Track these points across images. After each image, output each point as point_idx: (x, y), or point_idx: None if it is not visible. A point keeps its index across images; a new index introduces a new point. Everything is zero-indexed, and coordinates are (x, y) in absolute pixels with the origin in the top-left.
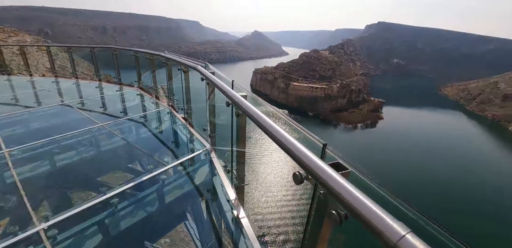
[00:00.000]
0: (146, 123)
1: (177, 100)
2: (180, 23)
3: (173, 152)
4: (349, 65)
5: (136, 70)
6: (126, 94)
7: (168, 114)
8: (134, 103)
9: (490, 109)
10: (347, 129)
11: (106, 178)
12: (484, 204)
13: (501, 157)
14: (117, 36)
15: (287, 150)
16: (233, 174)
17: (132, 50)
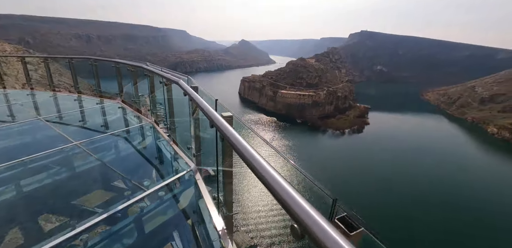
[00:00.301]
0: (127, 139)
1: (161, 114)
2: (167, 32)
3: (156, 172)
4: (334, 73)
5: (117, 82)
6: (107, 108)
7: (151, 129)
8: (115, 117)
9: (469, 112)
10: (335, 135)
11: (77, 208)
12: (468, 199)
13: (482, 157)
14: (102, 45)
15: (277, 196)
16: (219, 201)
17: (112, 61)
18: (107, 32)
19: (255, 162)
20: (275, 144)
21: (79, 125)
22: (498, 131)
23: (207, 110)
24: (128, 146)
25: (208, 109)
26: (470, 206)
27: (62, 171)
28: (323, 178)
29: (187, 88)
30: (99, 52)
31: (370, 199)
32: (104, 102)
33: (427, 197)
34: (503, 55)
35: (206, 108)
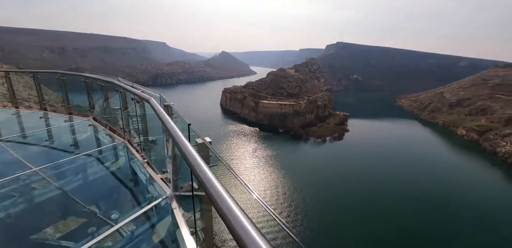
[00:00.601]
0: (97, 162)
1: (134, 132)
2: (146, 44)
3: (128, 200)
4: (314, 82)
5: (88, 98)
6: (76, 126)
7: (124, 149)
8: (85, 137)
9: (440, 116)
10: (317, 143)
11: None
12: (440, 200)
13: (454, 157)
14: (78, 57)
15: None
16: (197, 234)
17: (81, 75)
18: (83, 44)
19: (219, 199)
20: (258, 154)
21: (44, 146)
22: (467, 133)
23: (176, 135)
24: (98, 170)
25: (178, 136)
26: (443, 203)
27: (15, 204)
28: (307, 186)
29: (158, 108)
30: (74, 65)
31: (352, 202)
32: (73, 119)
33: (405, 197)
34: (464, 62)
35: (175, 133)
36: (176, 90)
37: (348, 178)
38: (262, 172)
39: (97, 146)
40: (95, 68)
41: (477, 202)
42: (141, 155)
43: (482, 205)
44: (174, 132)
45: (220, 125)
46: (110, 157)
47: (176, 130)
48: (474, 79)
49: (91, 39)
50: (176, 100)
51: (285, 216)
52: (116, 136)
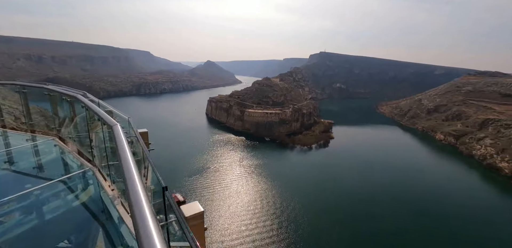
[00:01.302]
0: (62, 193)
1: (103, 159)
2: (129, 53)
3: (101, 238)
4: (298, 91)
5: (52, 113)
6: (40, 146)
7: (93, 178)
8: (48, 160)
9: (419, 122)
10: (303, 151)
11: None
12: (419, 201)
13: (434, 161)
14: (56, 66)
15: None
16: None
17: (43, 87)
18: (62, 52)
19: None
20: (245, 163)
21: (2, 170)
22: (445, 137)
23: (103, 116)
24: (63, 203)
25: (104, 116)
26: (425, 203)
27: None
28: (295, 194)
29: (120, 139)
30: (51, 74)
31: (338, 208)
32: (36, 139)
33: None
34: (440, 71)
35: (127, 168)
36: (160, 100)
37: (334, 185)
38: (249, 181)
39: (63, 171)
40: (75, 77)
41: (455, 202)
42: (111, 188)
43: (460, 204)
44: (127, 168)
45: (206, 134)
46: (77, 186)
47: (130, 167)
48: (449, 87)
49: (71, 47)
50: (161, 110)
51: (271, 223)
52: (83, 160)
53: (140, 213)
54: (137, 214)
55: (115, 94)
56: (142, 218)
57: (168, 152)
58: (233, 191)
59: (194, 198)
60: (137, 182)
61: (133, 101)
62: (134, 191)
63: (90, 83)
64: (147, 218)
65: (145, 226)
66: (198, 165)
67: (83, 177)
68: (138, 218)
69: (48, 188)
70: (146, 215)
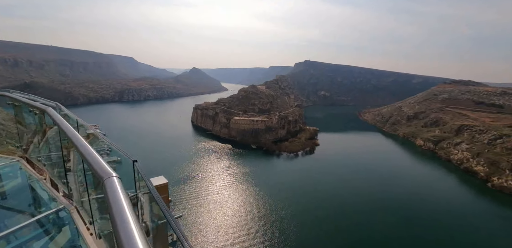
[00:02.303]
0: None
1: (84, 194)
2: (112, 58)
3: None
4: (284, 98)
5: (17, 128)
6: (1, 170)
7: (69, 220)
8: (11, 189)
9: (400, 128)
10: (289, 158)
11: None
12: (402, 206)
13: (414, 165)
14: (33, 70)
15: None
16: None
17: None
18: (40, 56)
19: None
20: (232, 171)
21: None
22: (424, 143)
23: (78, 143)
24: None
25: (80, 143)
26: (407, 206)
27: None
28: (282, 201)
29: (58, 118)
30: (28, 78)
31: (325, 215)
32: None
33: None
34: (417, 79)
35: (77, 141)
36: (144, 107)
37: (320, 191)
38: (236, 190)
39: (29, 207)
40: (53, 83)
41: (436, 207)
42: (90, 232)
43: (440, 208)
44: (77, 140)
45: (191, 142)
46: (47, 229)
47: (80, 138)
48: (426, 94)
49: (49, 51)
50: (144, 117)
51: (262, 234)
52: (57, 194)
53: None
54: None
55: (96, 100)
56: None
57: (152, 161)
58: (219, 200)
59: (180, 208)
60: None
61: (116, 107)
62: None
63: (70, 89)
64: None
65: None
66: (183, 174)
67: (56, 217)
68: None
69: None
70: None
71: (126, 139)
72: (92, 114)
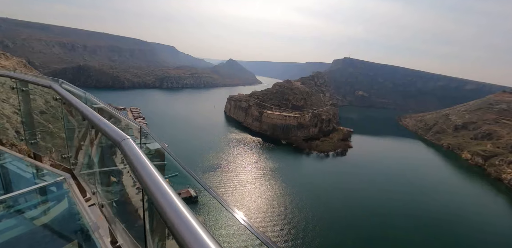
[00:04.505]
0: (16, 210)
1: None
2: (155, 46)
3: None
4: (319, 96)
5: None
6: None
7: (65, 189)
8: None
9: (445, 138)
10: (319, 157)
11: None
12: (441, 222)
13: (458, 181)
14: (87, 55)
15: None
16: None
17: None
18: (93, 42)
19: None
20: (260, 165)
21: None
22: (472, 157)
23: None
24: (16, 224)
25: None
26: (444, 226)
27: None
28: (308, 202)
29: (65, 93)
30: (82, 62)
31: (353, 222)
32: None
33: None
34: (470, 86)
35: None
36: (181, 94)
37: (349, 197)
38: (263, 185)
39: (30, 175)
40: (103, 66)
41: (479, 228)
42: (92, 202)
43: (484, 231)
44: (86, 110)
45: (223, 132)
46: (44, 199)
47: (89, 109)
48: (480, 103)
49: (101, 37)
50: (181, 104)
51: (285, 233)
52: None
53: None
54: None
55: (139, 85)
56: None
57: (185, 147)
58: (246, 193)
59: (207, 195)
60: None
61: (156, 93)
62: None
63: (117, 73)
64: None
65: None
66: (213, 163)
67: (57, 187)
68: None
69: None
70: None
71: (162, 123)
72: (135, 98)
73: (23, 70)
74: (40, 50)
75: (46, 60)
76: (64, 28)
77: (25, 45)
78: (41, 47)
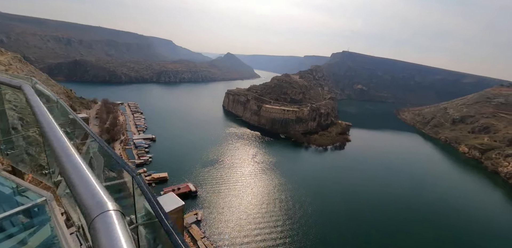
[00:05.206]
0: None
1: None
2: (152, 40)
3: None
4: (318, 90)
5: None
6: None
7: (46, 212)
8: None
9: (443, 132)
10: (318, 151)
11: None
12: (438, 215)
13: (455, 174)
14: (83, 49)
15: None
16: None
17: None
18: (89, 36)
19: None
20: (258, 159)
21: None
22: (469, 150)
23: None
24: None
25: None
26: (440, 219)
27: None
28: (307, 195)
29: (33, 98)
30: (78, 56)
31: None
32: None
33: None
34: (469, 79)
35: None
36: (179, 89)
37: (347, 191)
38: (261, 179)
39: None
40: (100, 61)
41: (476, 220)
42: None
43: (481, 223)
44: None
45: (221, 126)
46: (27, 224)
47: (52, 123)
48: (478, 97)
49: (97, 32)
50: (179, 99)
51: (283, 224)
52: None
53: None
54: None
55: (136, 80)
56: None
57: (183, 141)
58: (244, 187)
59: (206, 190)
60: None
61: (153, 88)
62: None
63: (114, 68)
64: None
65: None
66: (212, 157)
67: (34, 211)
68: None
69: None
70: None
71: (161, 118)
72: (133, 92)
73: (18, 66)
74: (35, 45)
75: (42, 55)
76: (59, 22)
77: (19, 40)
78: (36, 41)
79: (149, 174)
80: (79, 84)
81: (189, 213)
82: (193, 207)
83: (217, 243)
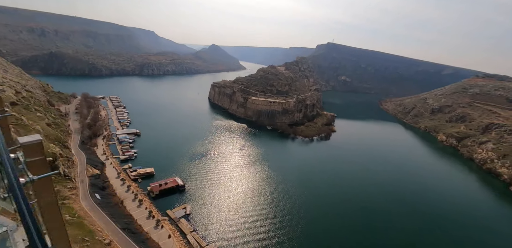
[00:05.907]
0: None
1: None
2: (133, 31)
3: None
4: (303, 81)
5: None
6: None
7: None
8: None
9: (422, 121)
10: (304, 142)
11: None
12: (417, 201)
13: (433, 161)
14: (59, 41)
15: None
16: None
17: None
18: (64, 27)
19: None
20: (246, 152)
21: None
22: (447, 138)
23: None
24: None
25: None
26: (421, 202)
27: None
28: (294, 186)
29: None
30: (54, 48)
31: (336, 203)
32: None
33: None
34: (448, 71)
35: None
36: (163, 81)
37: (333, 179)
38: (249, 171)
39: None
40: (78, 53)
41: (451, 205)
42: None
43: (455, 208)
44: None
45: (208, 119)
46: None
47: None
48: (455, 87)
49: (73, 22)
50: (163, 92)
51: (273, 216)
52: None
53: None
54: None
55: (117, 73)
56: None
57: (169, 136)
58: (233, 179)
59: (194, 184)
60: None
61: (136, 81)
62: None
63: (93, 60)
64: None
65: None
66: (200, 151)
67: None
68: None
69: None
70: None
71: (145, 112)
72: (115, 86)
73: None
74: (6, 36)
75: (14, 47)
76: (32, 12)
77: None
78: (7, 33)
79: (135, 169)
80: (56, 78)
81: (177, 207)
82: (181, 201)
83: (206, 237)
